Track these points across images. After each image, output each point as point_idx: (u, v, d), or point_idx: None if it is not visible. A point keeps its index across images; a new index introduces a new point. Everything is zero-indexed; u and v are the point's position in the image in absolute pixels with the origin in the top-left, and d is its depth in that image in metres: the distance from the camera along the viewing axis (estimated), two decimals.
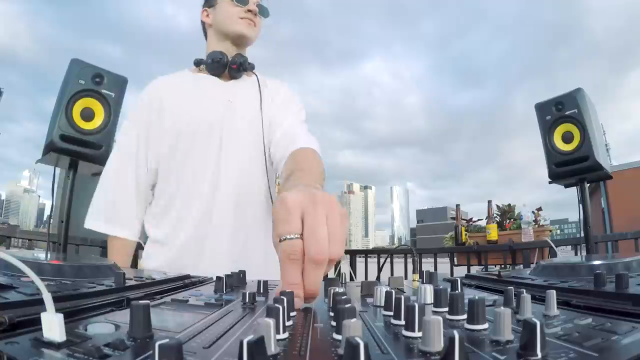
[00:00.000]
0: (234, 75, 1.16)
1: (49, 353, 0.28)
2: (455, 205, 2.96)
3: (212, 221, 1.07)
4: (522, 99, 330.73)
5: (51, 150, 1.12)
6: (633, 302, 0.45)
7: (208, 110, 1.11)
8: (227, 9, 1.14)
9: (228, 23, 1.14)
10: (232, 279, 0.67)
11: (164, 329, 0.37)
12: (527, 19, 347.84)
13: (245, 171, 1.11)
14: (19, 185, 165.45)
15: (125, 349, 0.29)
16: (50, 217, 1.27)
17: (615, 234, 2.65)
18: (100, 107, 1.18)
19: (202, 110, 1.11)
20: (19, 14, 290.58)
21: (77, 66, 1.15)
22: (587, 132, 1.22)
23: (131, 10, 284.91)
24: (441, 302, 0.45)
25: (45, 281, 0.36)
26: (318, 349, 0.31)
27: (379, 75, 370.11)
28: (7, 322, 0.34)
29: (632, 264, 0.68)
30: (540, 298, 0.47)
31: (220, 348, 0.30)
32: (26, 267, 0.37)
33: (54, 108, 1.15)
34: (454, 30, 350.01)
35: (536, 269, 0.81)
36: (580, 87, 1.28)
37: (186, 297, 0.56)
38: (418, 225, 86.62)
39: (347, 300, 0.40)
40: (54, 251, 1.21)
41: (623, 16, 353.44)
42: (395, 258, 2.20)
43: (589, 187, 1.36)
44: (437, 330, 0.28)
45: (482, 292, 0.67)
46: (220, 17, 1.16)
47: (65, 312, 0.32)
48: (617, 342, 0.31)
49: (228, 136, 1.10)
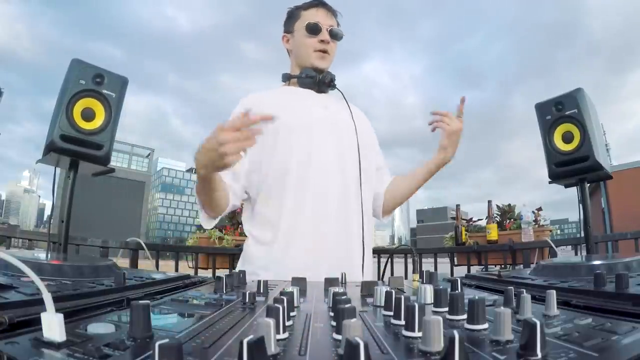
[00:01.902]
0: (324, 90, 1.23)
1: (49, 353, 0.28)
2: (456, 205, 2.95)
3: (321, 228, 1.08)
4: (522, 100, 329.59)
5: (52, 150, 1.12)
6: (633, 302, 0.45)
7: (310, 111, 1.17)
8: (302, 40, 1.20)
9: (303, 55, 1.21)
10: (232, 279, 0.67)
11: (164, 329, 0.37)
12: (526, 19, 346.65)
13: (347, 171, 1.15)
14: (19, 185, 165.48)
15: (125, 349, 0.29)
16: (50, 217, 1.26)
17: (615, 234, 2.65)
18: (101, 107, 1.18)
19: (303, 110, 1.16)
20: (20, 15, 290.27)
21: (77, 66, 1.15)
22: (587, 132, 1.22)
23: (132, 12, 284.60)
24: (441, 302, 0.45)
25: (45, 281, 0.36)
26: (318, 349, 0.31)
27: (379, 76, 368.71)
28: (7, 322, 0.34)
29: (632, 264, 0.68)
30: (540, 298, 0.47)
31: (220, 348, 0.30)
32: (26, 267, 0.37)
33: (55, 108, 1.15)
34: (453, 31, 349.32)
35: (536, 269, 0.81)
36: (580, 87, 1.28)
37: (186, 297, 0.56)
38: (418, 225, 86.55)
39: (347, 300, 0.40)
40: (54, 251, 1.21)
41: (622, 16, 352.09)
42: (395, 258, 2.20)
43: (589, 187, 1.35)
44: (437, 330, 0.28)
45: (482, 292, 0.67)
46: (296, 47, 1.23)
47: (65, 312, 0.32)
48: (617, 342, 0.31)
49: (330, 131, 1.16)
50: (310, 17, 1.19)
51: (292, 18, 1.25)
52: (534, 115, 1.38)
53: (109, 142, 1.19)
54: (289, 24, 1.26)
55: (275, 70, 1.37)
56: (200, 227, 2.60)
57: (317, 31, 1.18)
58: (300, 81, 1.22)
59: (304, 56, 1.21)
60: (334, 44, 1.23)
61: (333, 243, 1.08)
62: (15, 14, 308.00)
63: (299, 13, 1.23)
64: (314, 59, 1.19)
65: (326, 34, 1.18)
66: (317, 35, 1.18)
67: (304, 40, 1.19)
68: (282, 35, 1.28)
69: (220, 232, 2.42)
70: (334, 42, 1.22)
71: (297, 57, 1.24)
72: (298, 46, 1.22)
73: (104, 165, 1.22)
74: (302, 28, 1.19)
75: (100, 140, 1.17)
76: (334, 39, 1.21)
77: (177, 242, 48.97)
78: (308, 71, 1.20)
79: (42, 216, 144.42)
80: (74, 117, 1.13)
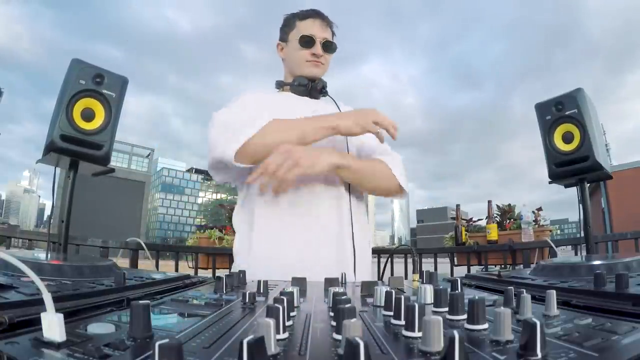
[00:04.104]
0: (315, 96, 1.27)
1: (49, 353, 0.28)
2: (456, 205, 2.96)
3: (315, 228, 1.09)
4: (520, 100, 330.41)
5: (52, 150, 1.12)
6: (633, 302, 0.45)
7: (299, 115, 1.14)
8: (295, 52, 1.22)
9: (296, 65, 1.24)
10: (232, 279, 0.67)
11: (164, 329, 0.37)
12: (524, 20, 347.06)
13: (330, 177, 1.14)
14: (19, 185, 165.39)
15: (125, 349, 0.29)
16: (50, 217, 1.26)
17: (615, 234, 2.65)
18: (101, 107, 1.18)
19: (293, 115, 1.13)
20: (20, 15, 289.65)
21: (77, 66, 1.15)
22: (587, 132, 1.22)
23: (132, 14, 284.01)
24: (441, 302, 0.45)
25: (45, 281, 0.36)
26: (318, 349, 0.31)
27: (378, 77, 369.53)
28: (7, 322, 0.34)
29: (632, 264, 0.68)
30: (540, 298, 0.47)
31: (220, 348, 0.30)
32: (26, 267, 0.37)
33: (55, 108, 1.14)
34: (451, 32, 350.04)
35: (536, 269, 0.81)
36: (580, 87, 1.28)
37: (186, 297, 0.56)
38: (418, 225, 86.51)
39: (347, 300, 0.40)
40: (54, 251, 1.21)
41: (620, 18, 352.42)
42: (395, 258, 2.20)
43: (589, 187, 1.35)
44: (437, 330, 0.28)
45: (482, 292, 0.67)
46: (289, 56, 1.26)
47: (65, 312, 0.32)
48: (617, 342, 0.31)
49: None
50: (305, 29, 1.21)
51: (288, 27, 1.26)
52: (534, 116, 1.38)
53: (109, 142, 1.19)
54: (284, 33, 1.27)
55: (274, 71, 1.38)
56: (200, 227, 2.60)
57: (311, 44, 1.20)
58: (293, 89, 1.25)
59: (296, 66, 1.24)
60: (328, 56, 1.25)
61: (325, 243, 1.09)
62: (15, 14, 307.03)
63: (295, 23, 1.24)
64: (305, 67, 1.22)
65: (319, 48, 1.21)
66: (310, 48, 1.20)
67: (297, 52, 1.22)
68: (276, 43, 1.30)
69: (220, 232, 2.42)
70: (328, 54, 1.24)
71: (290, 66, 1.27)
72: (291, 56, 1.25)
73: (104, 165, 1.22)
74: (296, 39, 1.21)
75: (100, 140, 1.17)
76: (327, 51, 1.23)
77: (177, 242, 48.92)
78: (300, 79, 1.23)
79: (42, 216, 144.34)
80: (74, 117, 1.13)
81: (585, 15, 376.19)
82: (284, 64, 1.30)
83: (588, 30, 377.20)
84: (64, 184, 1.21)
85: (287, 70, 1.29)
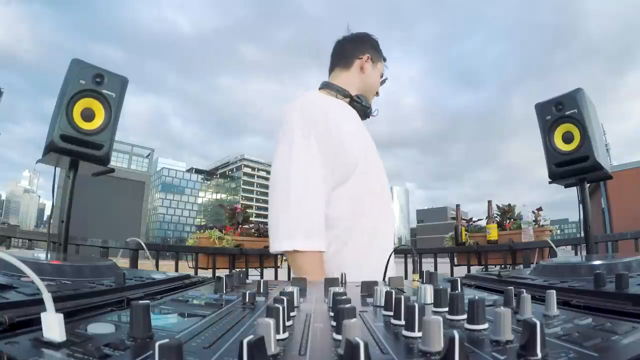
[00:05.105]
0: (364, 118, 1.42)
1: (49, 353, 0.28)
2: (456, 205, 2.96)
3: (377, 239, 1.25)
4: (520, 101, 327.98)
5: (52, 150, 1.12)
6: (633, 302, 0.45)
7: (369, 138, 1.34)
8: (375, 78, 1.43)
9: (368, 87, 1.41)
10: (232, 279, 0.67)
11: (164, 329, 0.37)
12: (524, 21, 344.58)
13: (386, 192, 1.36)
14: (19, 185, 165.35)
15: (125, 349, 0.29)
16: (50, 217, 1.26)
17: (615, 234, 2.65)
18: (101, 107, 1.18)
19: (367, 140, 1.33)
20: (20, 16, 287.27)
21: (77, 66, 1.15)
22: (587, 132, 1.22)
23: (133, 15, 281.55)
24: (441, 302, 0.45)
25: (45, 281, 0.36)
26: (318, 349, 0.31)
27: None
28: (7, 322, 0.34)
29: (632, 264, 0.68)
30: (540, 298, 0.47)
31: (220, 348, 0.30)
32: (26, 267, 0.37)
33: (55, 108, 1.14)
34: (451, 33, 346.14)
35: (536, 269, 0.81)
36: (580, 87, 1.28)
37: (186, 297, 0.56)
38: (418, 225, 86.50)
39: (347, 300, 0.40)
40: (54, 251, 1.21)
41: (619, 19, 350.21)
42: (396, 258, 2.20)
43: (589, 187, 1.35)
44: (437, 330, 0.28)
45: (482, 292, 0.67)
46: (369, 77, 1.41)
47: (65, 312, 0.32)
48: (617, 342, 0.31)
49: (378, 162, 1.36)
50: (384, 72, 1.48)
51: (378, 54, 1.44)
52: (534, 116, 1.38)
53: (109, 142, 1.19)
54: (376, 55, 1.43)
55: (274, 72, 1.40)
56: (200, 227, 2.60)
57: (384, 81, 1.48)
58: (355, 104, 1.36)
59: (368, 88, 1.41)
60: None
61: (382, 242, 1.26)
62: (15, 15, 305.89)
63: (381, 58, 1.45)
64: (371, 96, 1.43)
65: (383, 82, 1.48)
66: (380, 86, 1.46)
67: (376, 80, 1.43)
68: (366, 54, 1.40)
69: (220, 232, 2.42)
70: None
71: (363, 82, 1.40)
72: (370, 79, 1.41)
73: (104, 165, 1.22)
74: (380, 72, 1.44)
75: (100, 140, 1.17)
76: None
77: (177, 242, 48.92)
78: (366, 101, 1.40)
79: (42, 216, 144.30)
80: (73, 117, 1.13)
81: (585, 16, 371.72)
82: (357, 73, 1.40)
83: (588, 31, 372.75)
84: (64, 184, 1.21)
85: (356, 81, 1.39)
